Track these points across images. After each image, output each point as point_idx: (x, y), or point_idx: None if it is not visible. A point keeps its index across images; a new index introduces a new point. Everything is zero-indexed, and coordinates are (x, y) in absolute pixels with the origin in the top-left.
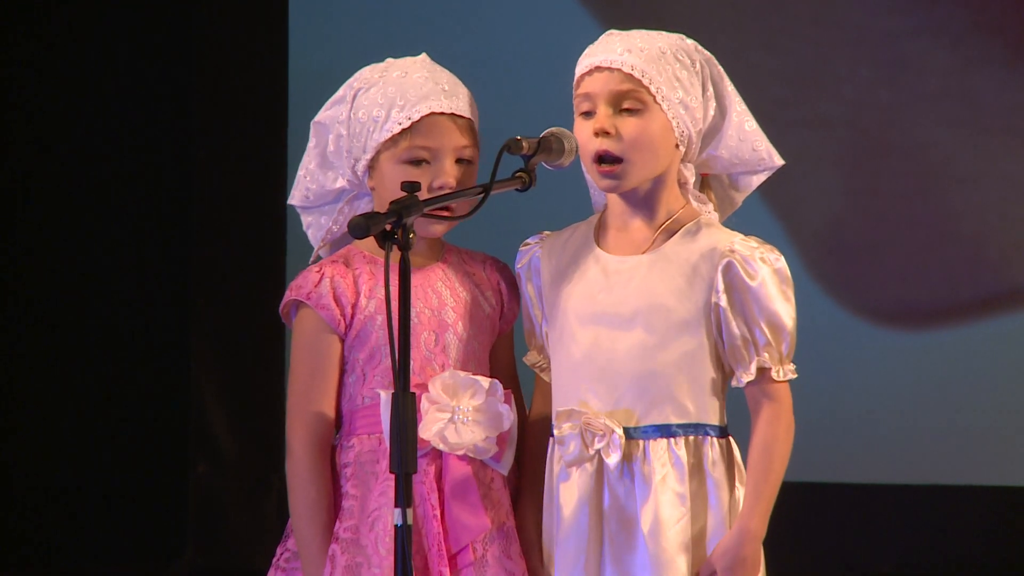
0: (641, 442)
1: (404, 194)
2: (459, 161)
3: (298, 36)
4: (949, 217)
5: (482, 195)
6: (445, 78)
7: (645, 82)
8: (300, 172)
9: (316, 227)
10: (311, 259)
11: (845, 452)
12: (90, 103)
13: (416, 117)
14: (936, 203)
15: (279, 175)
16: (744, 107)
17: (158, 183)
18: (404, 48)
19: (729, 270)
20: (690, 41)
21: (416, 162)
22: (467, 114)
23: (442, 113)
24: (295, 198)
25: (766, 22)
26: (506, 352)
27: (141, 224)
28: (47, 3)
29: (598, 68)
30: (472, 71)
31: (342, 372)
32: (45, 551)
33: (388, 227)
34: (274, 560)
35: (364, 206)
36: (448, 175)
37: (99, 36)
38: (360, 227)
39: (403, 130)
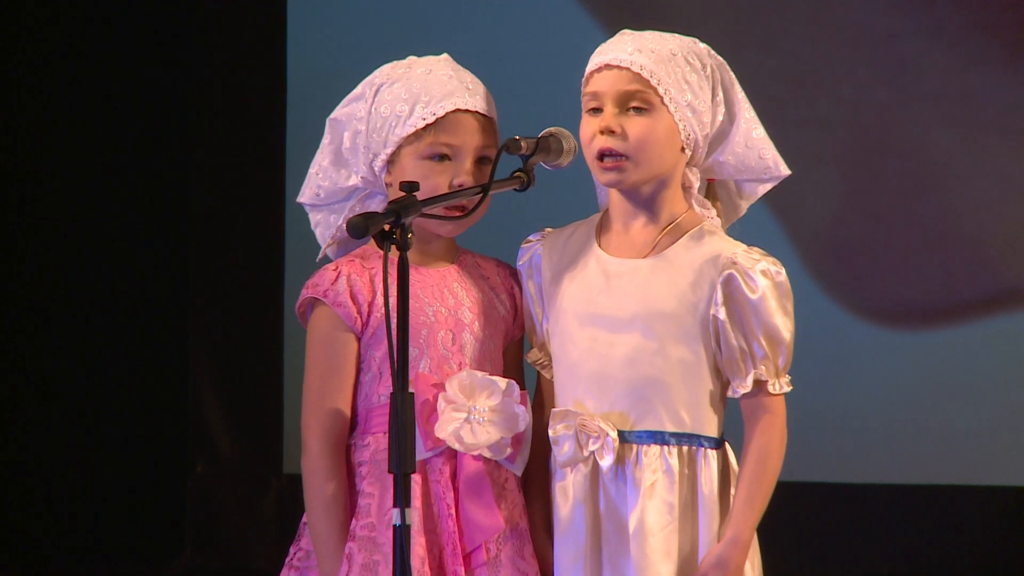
0: (635, 446)
1: (414, 192)
2: (480, 160)
3: (296, 37)
4: (948, 217)
5: (480, 194)
6: (469, 78)
7: (653, 83)
8: (312, 169)
9: (325, 225)
10: (318, 258)
11: (844, 452)
12: (90, 103)
13: (441, 113)
14: (935, 203)
15: (279, 175)
16: (753, 115)
17: (157, 183)
18: (403, 49)
19: (730, 283)
20: (703, 45)
21: (439, 157)
22: (489, 114)
23: (467, 111)
24: (305, 196)
25: (765, 22)
26: (516, 356)
27: (141, 224)
28: (47, 3)
29: (607, 66)
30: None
31: (358, 370)
32: (44, 551)
33: (387, 227)
34: (287, 559)
35: (376, 205)
36: (468, 173)
37: (99, 36)
38: (359, 227)
39: (427, 125)
